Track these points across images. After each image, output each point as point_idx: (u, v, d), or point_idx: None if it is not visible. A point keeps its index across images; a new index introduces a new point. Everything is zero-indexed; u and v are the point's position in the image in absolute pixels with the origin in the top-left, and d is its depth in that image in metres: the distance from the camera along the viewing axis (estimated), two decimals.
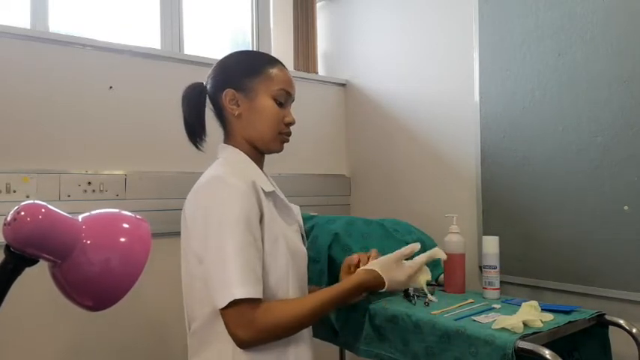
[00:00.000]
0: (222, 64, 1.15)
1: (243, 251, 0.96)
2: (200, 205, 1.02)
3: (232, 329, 0.95)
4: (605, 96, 1.49)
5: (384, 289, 1.12)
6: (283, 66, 1.14)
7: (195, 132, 1.12)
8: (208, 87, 1.14)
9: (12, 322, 1.54)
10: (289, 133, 1.14)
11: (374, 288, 1.12)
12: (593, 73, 1.51)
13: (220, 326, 0.99)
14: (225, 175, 1.02)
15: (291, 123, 1.13)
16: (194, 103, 1.12)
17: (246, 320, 0.94)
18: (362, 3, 2.34)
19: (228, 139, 1.14)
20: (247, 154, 1.12)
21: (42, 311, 1.58)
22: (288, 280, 1.08)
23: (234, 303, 0.93)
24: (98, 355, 1.70)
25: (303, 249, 1.17)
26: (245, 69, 1.10)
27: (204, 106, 1.13)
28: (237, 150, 1.12)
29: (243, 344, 0.97)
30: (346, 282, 1.09)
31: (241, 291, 0.94)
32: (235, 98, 1.09)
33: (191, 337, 1.08)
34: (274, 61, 1.13)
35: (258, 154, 1.14)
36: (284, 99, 1.11)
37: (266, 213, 1.04)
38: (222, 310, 0.95)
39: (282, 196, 1.15)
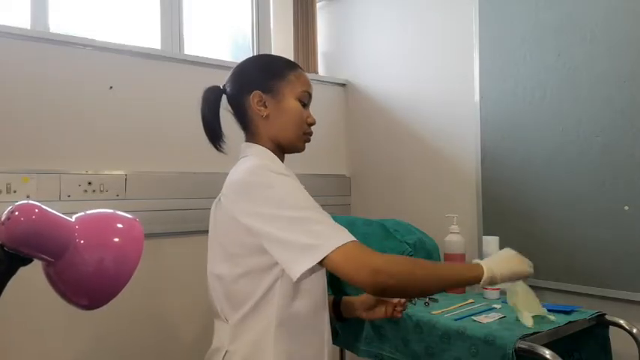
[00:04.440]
0: (245, 68, 1.18)
1: (320, 210, 1.00)
2: (250, 193, 1.02)
3: (356, 263, 0.94)
4: (605, 96, 1.49)
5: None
6: (302, 69, 1.19)
7: (217, 133, 1.15)
8: (228, 90, 1.17)
9: (22, 325, 1.54)
10: (311, 133, 1.19)
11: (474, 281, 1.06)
12: (593, 73, 1.51)
13: (264, 310, 1.04)
14: (266, 164, 1.07)
15: (313, 123, 1.18)
16: (213, 105, 1.15)
17: (370, 251, 0.96)
18: (362, 3, 2.34)
19: (253, 139, 1.16)
20: (272, 153, 1.16)
21: (50, 314, 1.58)
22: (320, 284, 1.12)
23: (345, 245, 0.94)
24: (100, 354, 1.70)
25: None
26: (270, 72, 1.15)
27: (219, 109, 1.17)
28: (264, 148, 1.15)
29: (375, 271, 0.93)
30: (467, 268, 1.05)
31: (346, 236, 0.96)
32: (263, 100, 1.13)
33: (234, 327, 1.09)
34: (295, 65, 1.19)
35: (280, 153, 1.18)
36: (307, 100, 1.17)
37: None
38: (330, 257, 0.93)
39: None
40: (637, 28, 1.43)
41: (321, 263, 0.94)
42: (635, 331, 1.29)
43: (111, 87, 1.76)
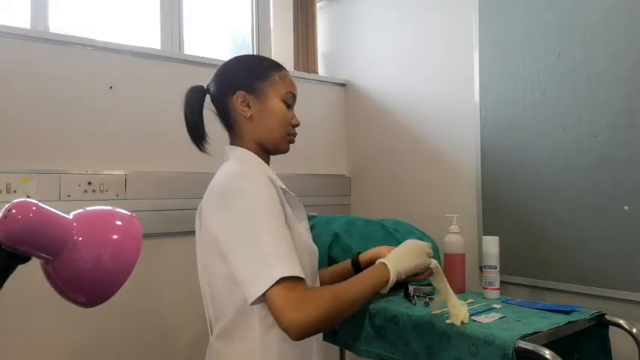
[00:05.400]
0: (229, 68, 1.17)
1: (279, 233, 0.96)
2: (223, 200, 1.01)
3: (282, 312, 0.88)
4: (605, 96, 1.49)
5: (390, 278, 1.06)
6: (287, 70, 1.18)
7: (200, 134, 1.14)
8: (212, 90, 1.16)
9: (19, 322, 1.54)
10: (295, 134, 1.18)
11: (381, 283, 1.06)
12: (593, 73, 1.51)
13: (247, 320, 1.01)
14: (244, 170, 1.05)
15: (297, 124, 1.17)
16: (197, 105, 1.14)
17: (298, 298, 0.89)
18: (362, 3, 2.34)
19: (236, 140, 1.15)
20: (256, 155, 1.14)
21: (47, 313, 1.58)
22: (305, 276, 1.08)
23: (282, 282, 0.89)
24: (99, 353, 1.70)
25: (314, 245, 1.17)
26: (254, 72, 1.13)
27: (202, 109, 1.15)
28: (247, 150, 1.14)
29: (300, 325, 0.88)
30: (365, 276, 1.06)
31: (287, 269, 0.91)
32: (246, 100, 1.12)
33: (216, 338, 1.08)
34: (279, 66, 1.17)
35: (265, 155, 1.16)
36: (291, 101, 1.16)
37: (284, 208, 1.05)
38: (267, 293, 0.90)
39: (291, 193, 1.16)
40: (637, 28, 1.43)
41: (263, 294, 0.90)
42: (635, 331, 1.29)
43: (111, 87, 1.76)
